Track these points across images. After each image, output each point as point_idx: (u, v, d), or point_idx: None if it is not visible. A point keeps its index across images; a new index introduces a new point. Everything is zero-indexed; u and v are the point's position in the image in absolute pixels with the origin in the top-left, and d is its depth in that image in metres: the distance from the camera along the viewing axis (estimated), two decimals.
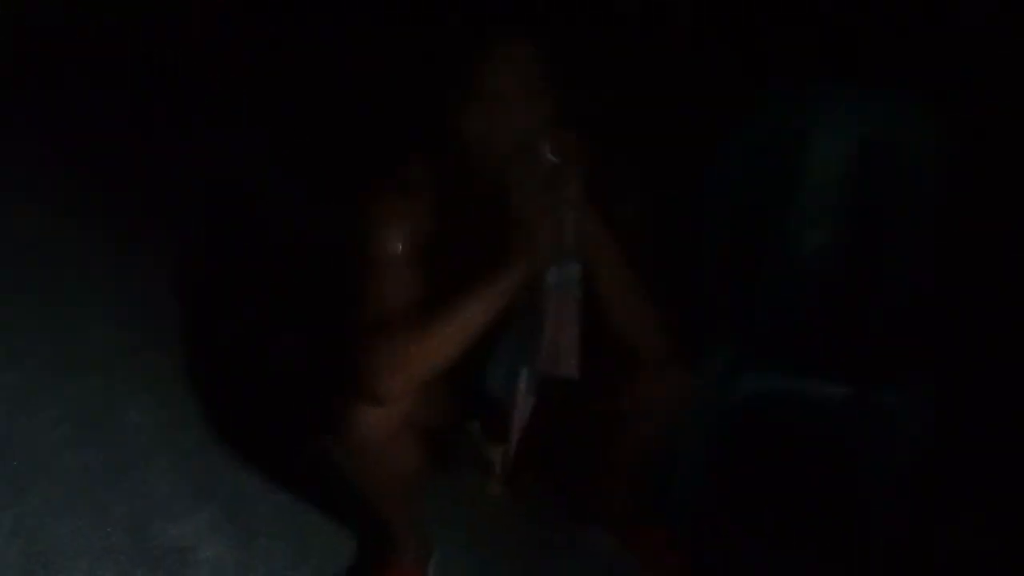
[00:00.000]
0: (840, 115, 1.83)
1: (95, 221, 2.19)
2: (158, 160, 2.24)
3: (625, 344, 1.42)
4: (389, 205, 1.40)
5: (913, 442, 1.61)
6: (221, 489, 1.84)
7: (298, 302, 2.17)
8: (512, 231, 1.30)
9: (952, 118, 1.80)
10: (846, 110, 1.83)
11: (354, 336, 1.37)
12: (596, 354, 1.36)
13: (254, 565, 1.70)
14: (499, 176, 1.29)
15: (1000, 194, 1.93)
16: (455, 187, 1.39)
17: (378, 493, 1.53)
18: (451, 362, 1.35)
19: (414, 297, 1.38)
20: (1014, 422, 1.82)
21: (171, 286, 2.21)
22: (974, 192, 1.84)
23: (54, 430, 1.92)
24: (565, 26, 1.41)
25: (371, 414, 1.36)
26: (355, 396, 1.36)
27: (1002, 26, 1.98)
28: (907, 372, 1.66)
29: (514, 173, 1.28)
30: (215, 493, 1.83)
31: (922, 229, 1.83)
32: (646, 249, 1.46)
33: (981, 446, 1.80)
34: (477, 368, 1.45)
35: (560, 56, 1.36)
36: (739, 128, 1.79)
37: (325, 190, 2.08)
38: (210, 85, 2.28)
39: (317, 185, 2.17)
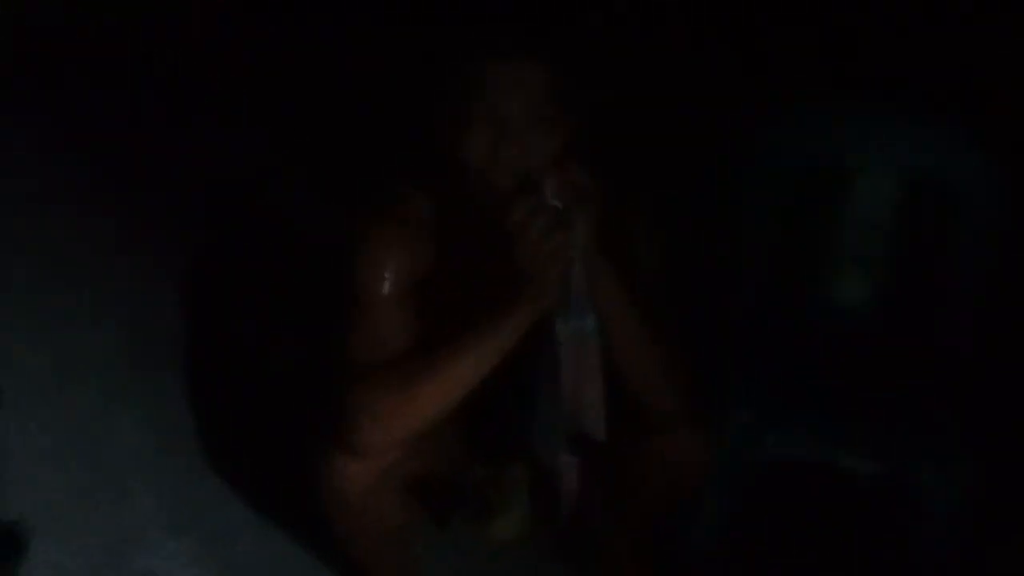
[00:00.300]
0: (884, 148, 1.68)
1: (93, 222, 2.12)
2: (159, 161, 2.17)
3: (639, 402, 1.28)
4: (380, 238, 1.27)
5: (951, 529, 1.46)
6: (204, 518, 1.74)
7: (299, 306, 2.07)
8: (515, 274, 1.16)
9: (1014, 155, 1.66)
10: (891, 142, 1.68)
11: (336, 377, 1.25)
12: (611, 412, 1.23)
13: None
14: (500, 213, 1.16)
15: None
16: (455, 219, 1.26)
17: (359, 546, 1.41)
18: (441, 415, 1.22)
19: (404, 341, 1.25)
20: None
21: (171, 290, 2.13)
22: None
23: (42, 440, 1.83)
24: (582, 46, 1.25)
25: (349, 465, 1.25)
26: (332, 444, 1.25)
27: None
28: (949, 448, 1.51)
29: (516, 212, 1.14)
30: (197, 522, 1.73)
31: (976, 283, 1.68)
32: (664, 298, 1.33)
33: None
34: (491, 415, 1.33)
35: (578, 80, 1.22)
36: (768, 162, 1.65)
37: (324, 195, 1.99)
38: (213, 85, 2.20)
39: (317, 188, 2.08)
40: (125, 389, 1.95)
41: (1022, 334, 1.77)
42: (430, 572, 1.60)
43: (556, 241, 1.13)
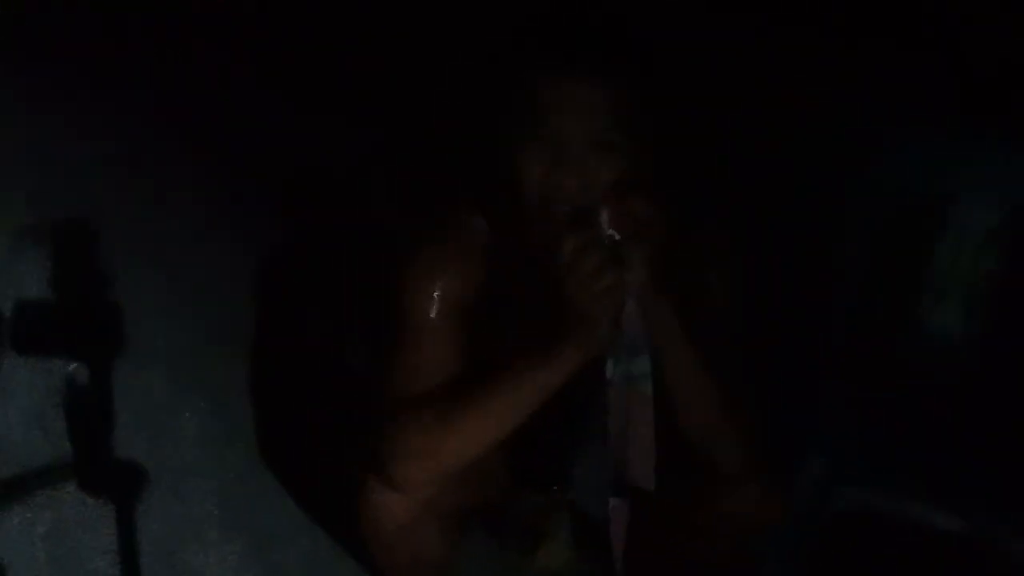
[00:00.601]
0: (984, 175, 1.54)
1: (174, 209, 2.11)
2: (244, 149, 2.15)
3: (699, 455, 1.19)
4: (432, 260, 1.20)
5: None
6: (256, 520, 1.72)
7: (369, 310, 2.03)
8: (565, 310, 1.08)
9: None
10: (992, 168, 1.54)
11: (375, 405, 1.19)
12: (667, 458, 1.15)
13: None
14: (553, 244, 1.08)
15: None
16: (508, 246, 1.19)
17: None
18: (482, 454, 1.16)
19: (447, 373, 1.19)
20: None
21: (244, 283, 2.09)
22: None
23: (103, 429, 1.83)
24: (651, 67, 1.14)
25: (385, 498, 1.20)
26: (368, 474, 1.19)
27: None
28: None
29: (567, 247, 1.06)
30: (249, 523, 1.71)
31: None
32: (733, 339, 1.23)
33: None
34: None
35: (644, 103, 1.12)
36: (865, 190, 1.52)
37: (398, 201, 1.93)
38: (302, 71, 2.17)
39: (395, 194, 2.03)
40: (189, 381, 1.93)
41: None
42: None
43: (609, 280, 1.05)
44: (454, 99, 1.86)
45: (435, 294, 1.20)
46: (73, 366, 1.88)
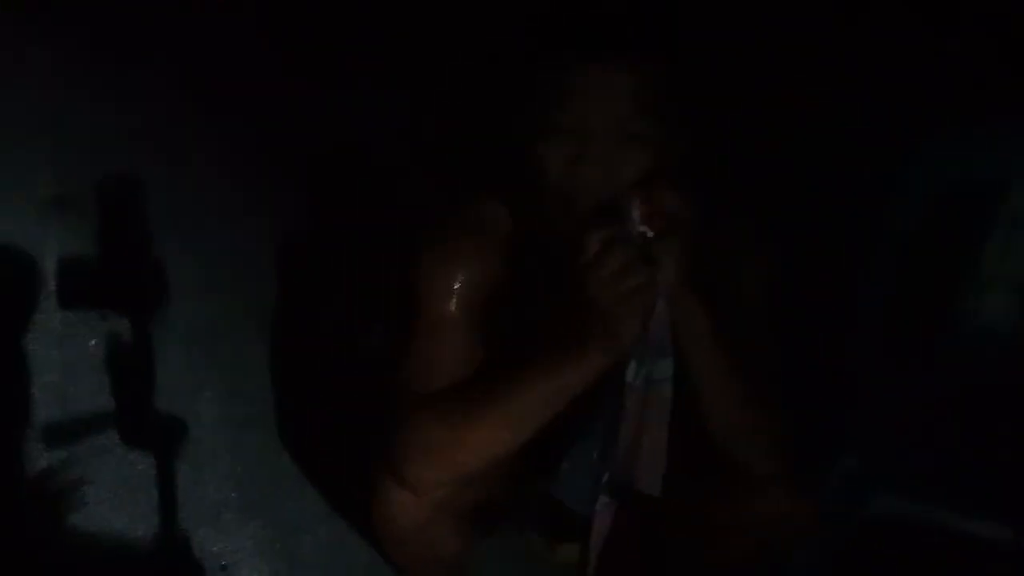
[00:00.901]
0: None
1: (192, 187, 2.07)
2: (270, 123, 2.10)
3: (727, 458, 1.14)
4: (450, 249, 1.15)
5: None
6: (273, 504, 1.70)
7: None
8: (590, 308, 1.03)
9: None
10: None
11: (391, 398, 1.15)
12: (690, 460, 1.10)
13: None
14: (577, 239, 1.02)
15: None
16: (530, 239, 1.13)
17: (412, 573, 1.32)
18: (500, 456, 1.11)
19: (464, 370, 1.14)
20: None
21: (266, 263, 2.05)
22: None
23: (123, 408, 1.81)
24: (682, 51, 1.07)
25: (399, 497, 1.15)
26: (382, 472, 1.15)
27: None
28: None
29: (591, 243, 1.00)
30: (266, 508, 1.69)
31: None
32: (766, 338, 1.17)
33: None
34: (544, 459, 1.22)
35: (675, 92, 1.05)
36: (913, 179, 1.45)
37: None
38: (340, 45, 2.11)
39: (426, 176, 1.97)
40: (208, 362, 1.90)
41: None
42: None
43: (637, 279, 0.99)
44: (475, 84, 1.80)
45: (454, 286, 1.15)
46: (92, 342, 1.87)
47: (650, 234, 1.00)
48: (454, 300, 1.15)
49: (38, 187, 2.06)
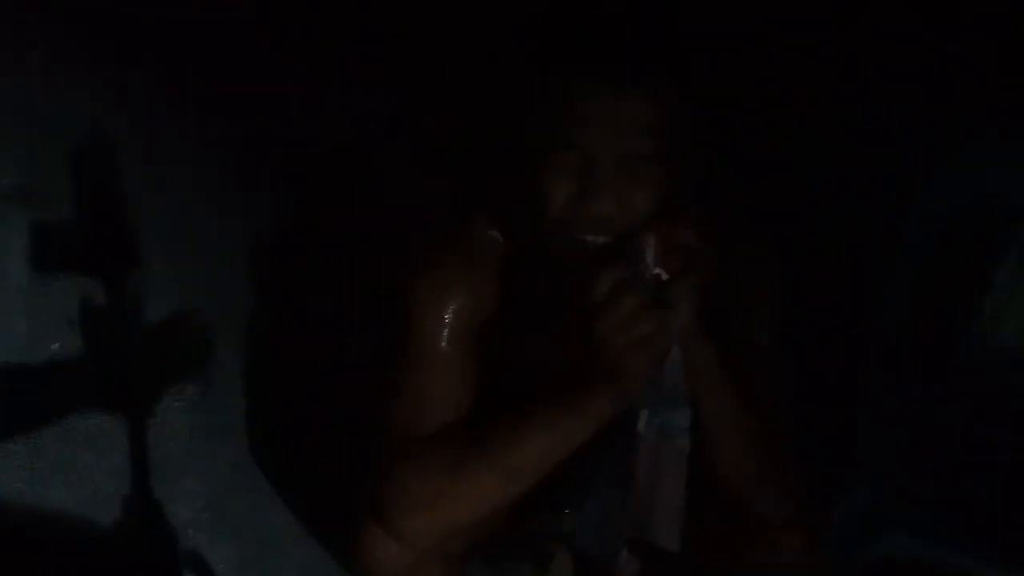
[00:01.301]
0: None
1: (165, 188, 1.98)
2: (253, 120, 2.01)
3: (738, 506, 1.07)
4: (440, 276, 1.07)
5: None
6: (249, 525, 1.62)
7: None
8: (597, 353, 0.94)
9: None
10: None
11: (376, 439, 1.07)
12: (701, 508, 1.02)
13: None
14: (582, 277, 0.94)
15: None
16: (530, 270, 1.05)
17: None
18: (496, 508, 1.03)
19: (455, 411, 1.06)
20: None
21: (243, 263, 1.96)
22: None
23: (87, 419, 1.71)
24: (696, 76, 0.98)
25: (383, 545, 1.07)
26: (365, 515, 1.07)
27: None
28: None
29: (601, 284, 0.92)
30: (242, 529, 1.62)
31: None
32: (778, 376, 1.10)
33: None
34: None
35: (688, 119, 0.97)
36: (928, 202, 1.38)
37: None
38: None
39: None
40: (180, 370, 1.81)
41: None
42: None
43: (650, 325, 0.91)
44: (475, 85, 1.72)
45: (444, 317, 1.06)
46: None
47: (665, 276, 0.92)
48: (444, 332, 1.07)
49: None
